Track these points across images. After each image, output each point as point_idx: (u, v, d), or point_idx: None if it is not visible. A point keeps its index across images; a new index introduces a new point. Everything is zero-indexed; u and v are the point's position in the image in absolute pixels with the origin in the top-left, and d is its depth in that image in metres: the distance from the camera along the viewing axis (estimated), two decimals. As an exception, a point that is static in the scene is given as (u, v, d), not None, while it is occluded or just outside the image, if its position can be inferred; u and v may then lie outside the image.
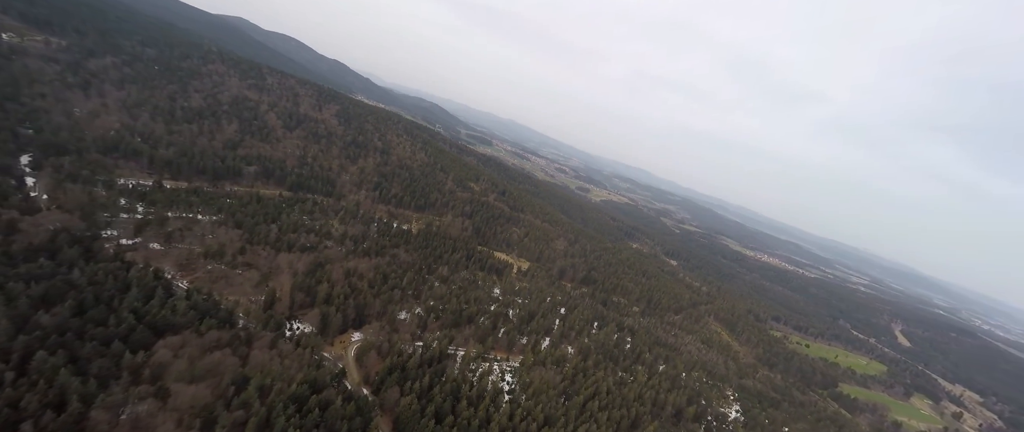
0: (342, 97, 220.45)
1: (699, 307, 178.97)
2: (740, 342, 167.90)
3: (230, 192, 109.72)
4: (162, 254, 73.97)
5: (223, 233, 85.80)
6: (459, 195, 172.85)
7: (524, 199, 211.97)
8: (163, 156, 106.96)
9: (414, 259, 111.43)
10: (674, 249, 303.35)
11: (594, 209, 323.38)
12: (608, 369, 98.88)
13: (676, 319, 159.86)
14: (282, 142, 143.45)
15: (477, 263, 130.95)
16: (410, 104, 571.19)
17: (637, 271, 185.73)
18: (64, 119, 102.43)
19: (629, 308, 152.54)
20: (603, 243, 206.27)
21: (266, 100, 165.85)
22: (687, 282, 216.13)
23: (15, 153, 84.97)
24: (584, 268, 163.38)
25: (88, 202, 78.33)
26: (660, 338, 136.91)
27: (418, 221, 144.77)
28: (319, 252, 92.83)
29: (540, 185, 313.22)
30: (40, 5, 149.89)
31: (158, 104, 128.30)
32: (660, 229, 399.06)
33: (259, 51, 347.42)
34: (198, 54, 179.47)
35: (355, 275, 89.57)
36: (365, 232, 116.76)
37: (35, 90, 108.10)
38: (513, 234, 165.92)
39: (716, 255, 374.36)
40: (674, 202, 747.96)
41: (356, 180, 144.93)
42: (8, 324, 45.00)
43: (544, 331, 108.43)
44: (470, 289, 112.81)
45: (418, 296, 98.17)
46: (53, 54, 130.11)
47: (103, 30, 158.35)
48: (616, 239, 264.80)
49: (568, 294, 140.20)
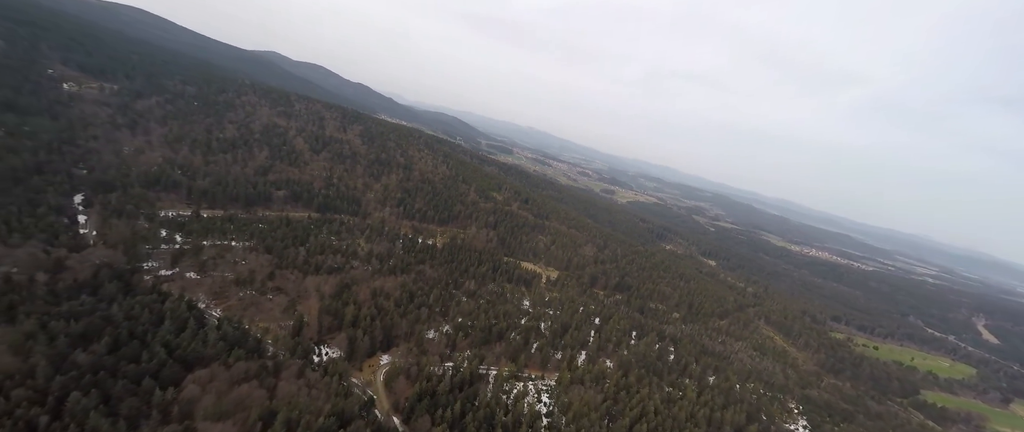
0: (365, 117, 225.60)
1: (747, 310, 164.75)
2: (797, 347, 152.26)
3: (262, 217, 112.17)
4: (197, 283, 74.96)
5: (254, 259, 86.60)
6: (482, 206, 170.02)
7: (548, 206, 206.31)
8: (200, 186, 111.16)
9: (440, 275, 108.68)
10: (711, 248, 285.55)
11: (621, 211, 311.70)
12: (653, 385, 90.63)
13: (722, 324, 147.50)
14: (309, 165, 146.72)
15: (504, 275, 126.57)
16: (431, 119, 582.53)
17: (674, 274, 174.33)
18: (113, 157, 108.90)
19: (668, 315, 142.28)
20: (634, 246, 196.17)
21: (294, 126, 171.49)
22: (730, 283, 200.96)
23: (69, 193, 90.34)
24: (616, 274, 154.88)
25: (131, 236, 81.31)
26: (706, 346, 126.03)
27: (442, 235, 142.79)
28: (346, 273, 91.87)
29: (564, 190, 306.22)
30: (96, 55, 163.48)
31: (196, 137, 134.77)
32: (693, 228, 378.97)
33: (289, 81, 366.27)
34: (233, 88, 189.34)
35: (381, 295, 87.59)
36: (390, 249, 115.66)
37: (89, 132, 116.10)
38: (539, 242, 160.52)
39: (758, 252, 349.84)
40: (705, 199, 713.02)
41: (380, 197, 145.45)
42: (46, 365, 45.27)
43: (579, 344, 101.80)
44: (498, 303, 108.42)
45: (446, 313, 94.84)
46: (106, 99, 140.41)
47: (150, 73, 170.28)
48: (647, 241, 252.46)
49: (601, 303, 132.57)
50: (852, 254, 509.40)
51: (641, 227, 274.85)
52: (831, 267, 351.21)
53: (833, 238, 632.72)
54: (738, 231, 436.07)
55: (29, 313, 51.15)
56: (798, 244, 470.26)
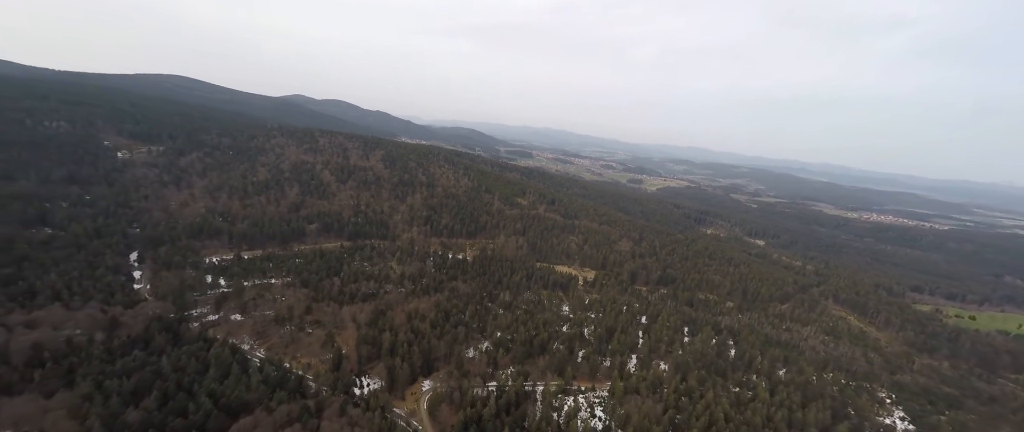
0: (386, 142, 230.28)
1: (810, 291, 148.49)
2: (877, 326, 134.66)
3: (297, 252, 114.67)
4: (240, 325, 76.18)
5: (292, 294, 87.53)
6: (508, 213, 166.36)
7: (576, 204, 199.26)
8: (240, 230, 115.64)
9: (473, 289, 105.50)
10: (757, 227, 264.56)
11: (653, 200, 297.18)
12: (718, 387, 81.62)
13: (784, 309, 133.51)
14: (337, 195, 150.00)
15: (539, 281, 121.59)
16: (449, 135, 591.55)
17: (721, 260, 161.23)
18: (161, 213, 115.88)
19: (721, 305, 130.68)
20: (673, 235, 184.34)
21: (320, 160, 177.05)
22: (785, 263, 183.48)
23: (125, 252, 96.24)
24: (657, 267, 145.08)
25: (179, 286, 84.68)
26: (770, 336, 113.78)
27: (472, 248, 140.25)
28: (380, 298, 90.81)
29: (589, 186, 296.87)
30: (143, 122, 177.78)
31: (233, 184, 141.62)
32: (734, 207, 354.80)
33: (314, 119, 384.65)
34: (262, 133, 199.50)
35: (417, 317, 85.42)
36: (422, 269, 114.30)
37: (140, 193, 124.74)
38: (571, 244, 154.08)
39: (810, 224, 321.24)
40: (741, 175, 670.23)
41: (407, 218, 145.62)
42: (100, 426, 45.84)
43: (628, 348, 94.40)
44: (536, 312, 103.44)
45: (483, 329, 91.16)
46: (154, 160, 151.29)
47: (190, 131, 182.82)
48: (686, 228, 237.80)
49: (646, 300, 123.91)
50: (921, 214, 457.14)
51: (676, 214, 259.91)
52: (899, 231, 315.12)
53: (894, 199, 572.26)
54: (784, 205, 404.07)
55: (86, 374, 52.81)
56: (855, 210, 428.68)
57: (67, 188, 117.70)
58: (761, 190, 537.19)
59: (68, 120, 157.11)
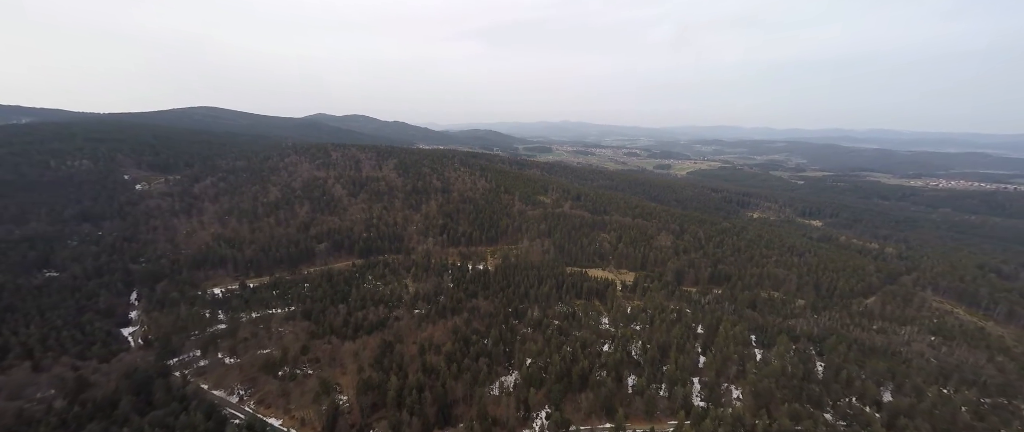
0: (399, 150, 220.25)
1: (900, 280, 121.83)
2: (996, 320, 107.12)
3: (306, 276, 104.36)
4: (229, 371, 65.17)
5: (291, 329, 76.07)
6: (531, 214, 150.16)
7: (604, 198, 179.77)
8: (247, 256, 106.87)
9: (496, 307, 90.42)
10: (810, 205, 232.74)
11: (687, 185, 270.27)
12: (817, 421, 61.82)
13: (870, 305, 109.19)
14: (348, 210, 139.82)
15: (571, 290, 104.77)
16: (466, 138, 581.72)
17: (780, 248, 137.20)
18: (168, 245, 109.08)
19: (791, 305, 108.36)
20: (717, 224, 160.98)
21: (332, 174, 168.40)
22: (857, 246, 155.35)
23: (125, 290, 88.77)
24: (707, 263, 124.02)
25: (173, 325, 75.48)
26: (861, 341, 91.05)
27: (493, 256, 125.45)
28: (389, 328, 77.67)
29: (615, 177, 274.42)
30: (162, 153, 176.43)
31: (243, 207, 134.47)
32: (778, 186, 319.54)
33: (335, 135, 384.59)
34: (277, 153, 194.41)
35: (430, 348, 71.43)
36: (438, 285, 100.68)
37: (150, 224, 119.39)
38: (604, 242, 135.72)
39: (870, 198, 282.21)
40: (778, 150, 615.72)
41: (422, 228, 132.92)
42: None
43: (688, 370, 75.99)
44: (571, 327, 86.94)
45: (510, 357, 75.86)
46: (170, 190, 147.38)
47: (206, 158, 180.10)
48: (729, 213, 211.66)
49: (698, 304, 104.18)
50: (998, 175, 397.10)
51: (716, 198, 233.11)
52: (981, 197, 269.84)
53: (961, 161, 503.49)
54: (833, 178, 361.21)
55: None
56: (918, 177, 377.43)
57: (79, 226, 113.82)
58: (803, 164, 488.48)
59: (90, 157, 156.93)
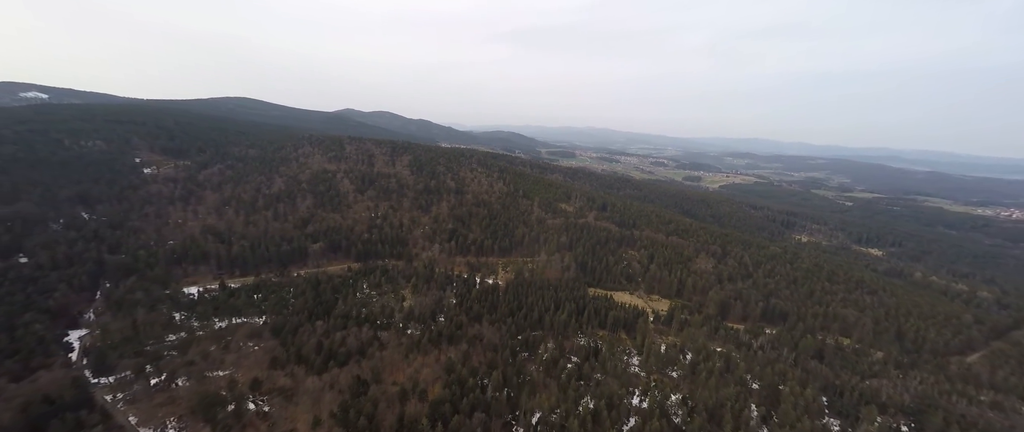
0: (415, 146, 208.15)
1: (1010, 335, 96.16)
2: None
3: (294, 280, 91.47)
4: (164, 401, 51.61)
5: (252, 350, 62.30)
6: (551, 223, 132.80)
7: (632, 209, 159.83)
8: (234, 252, 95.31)
9: (503, 336, 73.77)
10: (865, 230, 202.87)
11: (724, 200, 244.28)
12: None
13: (973, 365, 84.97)
14: (353, 207, 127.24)
15: (594, 318, 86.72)
16: (488, 139, 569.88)
17: (846, 283, 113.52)
18: (153, 234, 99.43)
19: (868, 358, 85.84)
20: (765, 247, 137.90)
21: (342, 168, 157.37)
22: (939, 286, 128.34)
23: (90, 286, 78.21)
24: (757, 296, 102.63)
25: (125, 332, 63.53)
26: (972, 420, 68.28)
27: (505, 268, 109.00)
28: (368, 357, 62.52)
29: (644, 187, 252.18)
30: (178, 139, 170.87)
31: (244, 197, 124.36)
32: (823, 206, 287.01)
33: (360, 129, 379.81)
34: (291, 143, 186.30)
35: (414, 394, 55.61)
36: (439, 301, 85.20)
37: (144, 211, 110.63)
38: (632, 261, 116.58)
39: (933, 226, 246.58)
40: (818, 167, 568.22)
41: (429, 232, 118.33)
42: None
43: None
44: (593, 369, 69.13)
45: (515, 409, 58.93)
46: (176, 175, 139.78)
47: (219, 144, 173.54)
48: (772, 234, 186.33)
49: (748, 347, 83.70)
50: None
51: (757, 216, 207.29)
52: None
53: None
54: (886, 201, 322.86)
55: None
56: (986, 205, 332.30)
57: (73, 208, 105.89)
58: (847, 184, 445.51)
59: (105, 139, 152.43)
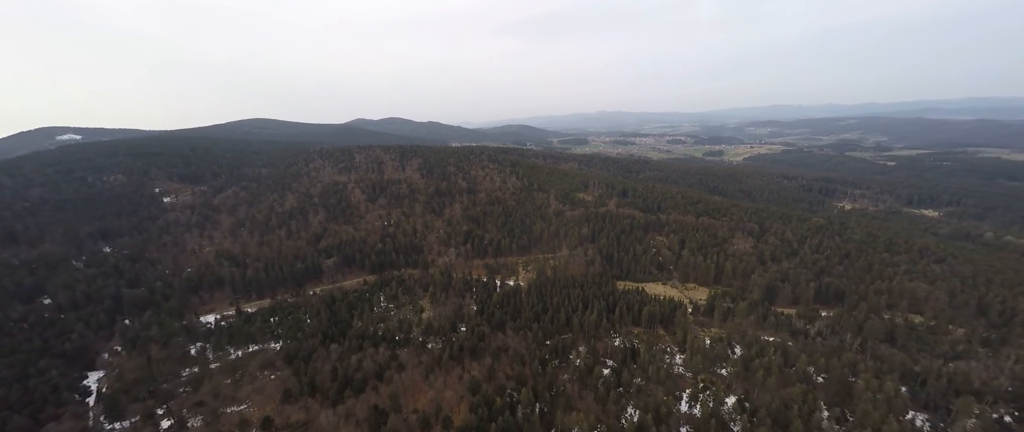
0: (423, 149, 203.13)
1: None
2: None
3: (310, 298, 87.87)
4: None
5: (264, 383, 58.24)
6: (569, 215, 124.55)
7: (656, 192, 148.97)
8: (248, 275, 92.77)
9: (529, 345, 67.07)
10: (916, 191, 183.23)
11: (753, 173, 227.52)
12: None
13: (1090, 340, 71.31)
14: (365, 217, 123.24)
15: (626, 315, 78.64)
16: (499, 134, 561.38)
17: (908, 252, 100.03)
18: (171, 263, 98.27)
19: (944, 336, 73.92)
20: (806, 220, 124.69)
21: (353, 178, 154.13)
22: (1018, 247, 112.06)
23: (108, 324, 76.81)
24: (807, 274, 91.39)
25: (140, 371, 60.94)
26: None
27: (526, 267, 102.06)
28: (386, 381, 57.25)
29: (664, 167, 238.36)
30: (193, 165, 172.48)
31: (257, 218, 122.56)
32: (863, 169, 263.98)
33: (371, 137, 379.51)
34: (302, 158, 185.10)
35: (439, 418, 49.83)
36: (458, 310, 79.42)
37: (161, 240, 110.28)
38: (661, 248, 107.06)
39: (992, 178, 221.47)
40: (850, 127, 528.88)
41: (443, 237, 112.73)
42: None
43: (828, 460, 47.78)
44: (633, 373, 61.41)
45: (550, 429, 52.25)
46: (193, 202, 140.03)
47: (233, 167, 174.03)
48: (811, 205, 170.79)
49: (805, 336, 73.60)
50: None
51: (792, 187, 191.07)
52: None
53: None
54: (933, 156, 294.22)
55: None
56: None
57: (95, 245, 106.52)
58: (885, 142, 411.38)
59: (126, 172, 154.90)
